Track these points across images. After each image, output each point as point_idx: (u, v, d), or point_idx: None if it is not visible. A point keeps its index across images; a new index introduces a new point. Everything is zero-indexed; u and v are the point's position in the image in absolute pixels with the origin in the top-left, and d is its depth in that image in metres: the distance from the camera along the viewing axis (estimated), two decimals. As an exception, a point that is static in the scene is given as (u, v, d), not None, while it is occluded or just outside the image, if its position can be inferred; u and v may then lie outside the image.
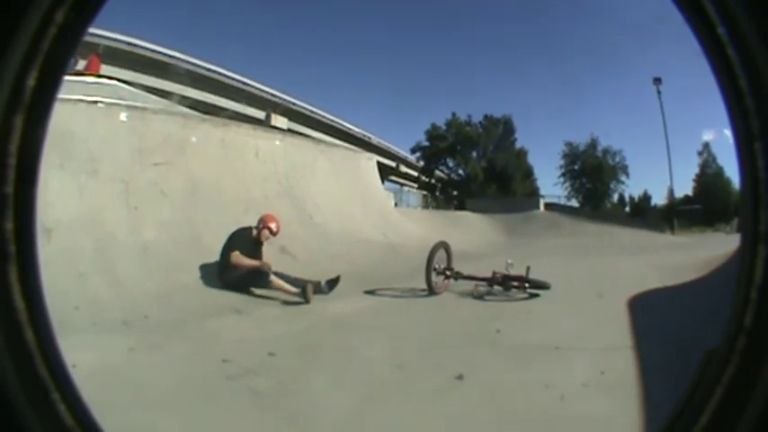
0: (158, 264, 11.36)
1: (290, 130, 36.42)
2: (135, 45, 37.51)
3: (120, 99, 15.24)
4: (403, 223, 23.91)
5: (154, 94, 24.05)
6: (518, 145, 66.30)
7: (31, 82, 1.37)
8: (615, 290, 11.45)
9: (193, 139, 15.16)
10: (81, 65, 26.28)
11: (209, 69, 43.97)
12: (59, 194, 10.94)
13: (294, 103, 51.69)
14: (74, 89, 14.08)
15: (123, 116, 13.56)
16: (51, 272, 8.75)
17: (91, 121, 12.65)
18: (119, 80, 21.69)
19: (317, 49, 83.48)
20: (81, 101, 12.81)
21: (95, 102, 13.29)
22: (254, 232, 12.21)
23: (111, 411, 4.61)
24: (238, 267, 11.43)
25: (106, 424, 1.63)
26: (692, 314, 8.36)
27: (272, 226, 12.32)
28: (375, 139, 59.24)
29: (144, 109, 15.03)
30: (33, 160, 1.42)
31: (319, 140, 28.77)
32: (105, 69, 27.02)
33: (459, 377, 6.24)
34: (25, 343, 1.39)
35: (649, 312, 9.66)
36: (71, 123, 11.89)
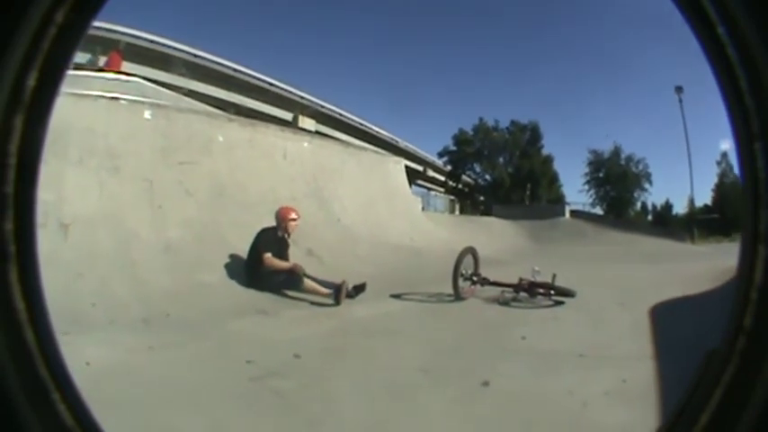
0: (182, 262, 11.34)
1: (317, 132, 36.44)
2: (157, 43, 37.46)
3: (143, 96, 15.27)
4: (430, 227, 23.78)
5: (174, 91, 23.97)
6: (544, 152, 65.94)
7: (31, 82, 1.40)
8: (638, 298, 11.34)
9: (220, 138, 15.19)
10: (101, 61, 26.36)
11: (234, 69, 43.94)
12: (77, 190, 11.01)
13: (322, 106, 51.52)
14: (94, 85, 14.26)
15: (147, 114, 13.56)
16: (67, 268, 8.88)
17: (112, 117, 12.71)
18: (142, 77, 21.63)
19: (346, 52, 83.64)
20: (101, 97, 12.88)
21: (117, 98, 13.33)
22: (279, 232, 12.18)
23: (125, 410, 4.58)
24: (272, 269, 11.43)
25: (109, 423, 1.59)
26: (713, 322, 8.31)
27: (293, 215, 12.35)
28: (402, 143, 59.03)
29: (168, 107, 15.14)
30: (33, 160, 1.43)
31: (347, 143, 28.69)
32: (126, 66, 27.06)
33: (485, 383, 6.24)
34: (25, 343, 1.40)
35: (671, 321, 9.62)
36: (91, 119, 11.99)
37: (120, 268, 10.30)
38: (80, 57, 25.79)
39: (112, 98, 13.21)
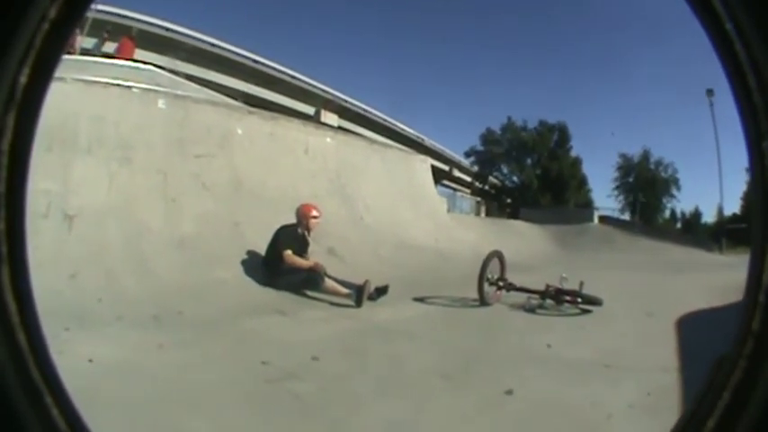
0: (196, 258, 11.31)
1: (340, 128, 36.35)
2: (173, 30, 37.21)
3: (157, 85, 15.18)
4: (455, 230, 23.66)
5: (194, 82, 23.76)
6: (573, 153, 65.36)
7: (23, 79, 1.40)
8: (665, 309, 11.38)
9: (239, 131, 15.15)
10: (110, 47, 26.20)
11: (254, 60, 43.79)
12: (84, 181, 11.00)
13: (345, 100, 51.28)
14: (103, 72, 14.17)
15: (161, 103, 13.50)
16: (70, 261, 8.95)
17: (124, 106, 12.67)
18: (155, 66, 21.46)
19: (369, 47, 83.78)
20: (112, 84, 12.85)
21: (129, 87, 13.28)
22: (299, 229, 12.16)
23: (130, 411, 4.57)
24: (291, 267, 11.42)
25: (109, 426, 1.59)
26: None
27: (315, 213, 12.31)
28: (428, 141, 58.74)
29: (185, 97, 15.04)
30: (24, 159, 1.42)
31: (372, 140, 28.44)
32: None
33: (509, 392, 6.26)
34: (18, 345, 1.39)
35: (698, 332, 9.61)
36: (101, 107, 11.99)
37: (129, 262, 10.24)
38: (86, 42, 25.78)
39: (124, 86, 13.16)
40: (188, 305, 9.33)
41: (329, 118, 46.12)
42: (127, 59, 22.40)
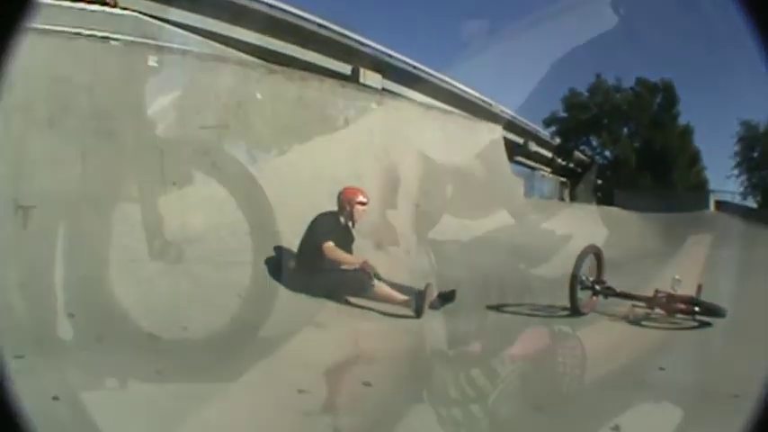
0: (205, 257, 11.12)
1: (385, 90, 36.13)
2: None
3: (144, 37, 15.07)
4: (535, 218, 23.44)
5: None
6: (682, 121, 64.13)
7: None
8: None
9: (258, 95, 14.97)
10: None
11: (270, 5, 43.70)
12: (46, 161, 10.62)
13: (390, 55, 50.83)
14: (63, 19, 13.68)
15: (152, 60, 13.17)
16: (27, 264, 8.87)
17: (99, 63, 12.30)
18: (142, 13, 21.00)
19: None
20: (80, 35, 12.54)
21: (106, 38, 13.03)
22: (342, 219, 12.02)
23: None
24: (333, 265, 11.28)
25: None
26: None
27: (361, 198, 12.08)
28: (497, 107, 58.27)
29: (184, 52, 14.96)
30: None
31: (428, 105, 27.99)
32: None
33: (615, 428, 6.15)
34: None
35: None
36: (67, 66, 11.65)
37: (114, 266, 9.87)
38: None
39: (98, 37, 12.91)
40: (195, 318, 9.15)
41: (370, 78, 45.94)
42: (101, 3, 22.27)
